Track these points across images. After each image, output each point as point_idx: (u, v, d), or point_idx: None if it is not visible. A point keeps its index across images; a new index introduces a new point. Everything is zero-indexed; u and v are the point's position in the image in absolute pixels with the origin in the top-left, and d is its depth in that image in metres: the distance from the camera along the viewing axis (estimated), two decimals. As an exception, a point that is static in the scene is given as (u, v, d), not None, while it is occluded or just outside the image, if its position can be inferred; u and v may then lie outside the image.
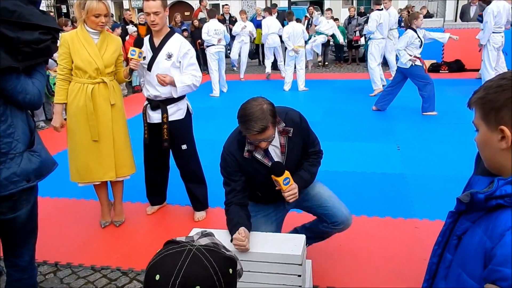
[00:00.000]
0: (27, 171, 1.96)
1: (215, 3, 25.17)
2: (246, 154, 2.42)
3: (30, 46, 1.82)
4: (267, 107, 2.25)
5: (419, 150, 5.24)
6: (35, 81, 1.97)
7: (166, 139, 3.48)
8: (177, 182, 3.96)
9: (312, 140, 2.62)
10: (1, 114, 1.88)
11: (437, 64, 11.14)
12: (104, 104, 3.33)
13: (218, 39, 9.15)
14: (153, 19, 3.31)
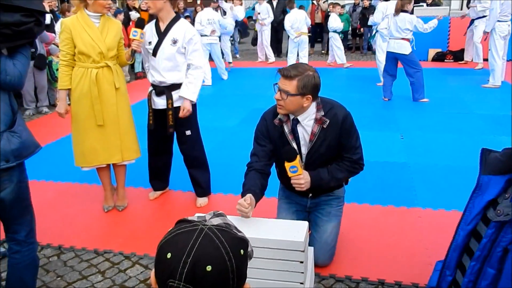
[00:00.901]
0: (6, 151, 1.97)
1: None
2: (276, 121, 2.51)
3: (10, 28, 1.81)
4: (311, 75, 2.36)
5: (423, 140, 5.22)
6: (16, 63, 1.97)
7: (172, 125, 3.47)
8: (179, 168, 3.96)
9: (351, 146, 2.52)
10: None
11: (442, 53, 11.05)
12: (108, 88, 3.33)
13: (211, 30, 8.88)
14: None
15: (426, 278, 2.66)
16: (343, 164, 2.55)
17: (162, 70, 3.40)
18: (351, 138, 2.51)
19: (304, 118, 2.47)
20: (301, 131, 2.50)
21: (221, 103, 7.27)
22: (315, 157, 2.52)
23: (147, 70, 3.61)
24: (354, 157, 2.55)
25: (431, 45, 11.19)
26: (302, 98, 2.38)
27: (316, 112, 2.47)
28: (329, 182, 2.55)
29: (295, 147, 2.50)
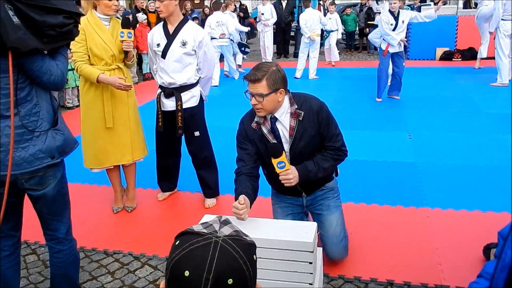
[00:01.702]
0: (51, 148, 2.04)
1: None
2: (254, 124, 2.54)
3: (55, 29, 1.87)
4: (274, 70, 2.38)
5: (431, 139, 5.20)
6: (58, 63, 2.03)
7: (181, 126, 3.49)
8: (188, 169, 3.98)
9: (332, 135, 2.53)
10: (27, 94, 1.96)
11: (450, 52, 11.00)
12: (120, 90, 3.35)
13: (220, 33, 8.92)
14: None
15: (435, 278, 2.66)
16: (327, 154, 2.56)
17: (172, 71, 3.42)
18: (329, 127, 2.52)
19: (281, 114, 2.50)
20: (280, 128, 2.52)
21: (230, 103, 7.29)
22: (298, 151, 2.53)
23: (155, 72, 3.62)
24: (336, 145, 2.55)
25: (438, 44, 11.14)
26: (276, 94, 2.41)
27: (290, 107, 2.49)
28: (316, 173, 2.53)
29: None
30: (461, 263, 2.80)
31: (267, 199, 3.43)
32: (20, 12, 1.76)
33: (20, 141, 1.95)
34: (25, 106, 1.96)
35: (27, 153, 1.97)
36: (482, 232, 3.08)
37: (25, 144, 1.97)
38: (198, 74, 3.56)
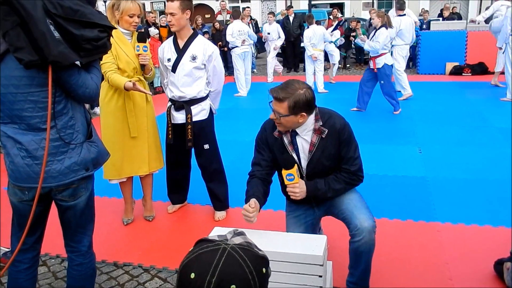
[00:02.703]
0: (87, 160, 2.07)
1: (235, 5, 25.35)
2: (276, 133, 2.53)
3: (91, 43, 1.91)
4: (302, 93, 2.32)
5: (441, 153, 5.18)
6: (93, 76, 2.07)
7: (190, 139, 3.53)
8: (198, 182, 4.00)
9: (349, 157, 2.48)
10: (63, 107, 1.99)
11: (460, 67, 10.98)
12: (140, 102, 3.45)
13: (242, 40, 9.20)
14: (169, 19, 3.39)
15: (446, 293, 2.64)
16: (341, 176, 2.51)
17: (182, 85, 3.47)
18: (349, 149, 2.48)
19: (303, 130, 2.48)
20: (300, 142, 2.50)
21: (240, 117, 7.33)
22: (315, 168, 2.51)
23: (166, 86, 3.68)
24: (352, 169, 2.50)
25: (448, 58, 11.14)
26: (296, 116, 2.37)
27: (314, 123, 2.46)
28: (325, 192, 2.51)
29: (294, 158, 2.51)
30: (472, 278, 2.78)
31: (277, 212, 3.45)
32: (60, 27, 1.80)
33: (56, 154, 1.99)
34: (62, 119, 1.99)
35: (62, 166, 2.00)
36: (493, 247, 3.06)
37: (61, 157, 2.00)
38: (208, 88, 3.60)
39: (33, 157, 1.95)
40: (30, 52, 1.78)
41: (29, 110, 1.92)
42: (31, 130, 1.95)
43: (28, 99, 1.91)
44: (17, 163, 1.98)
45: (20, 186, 2.02)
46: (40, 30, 1.75)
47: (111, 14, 3.33)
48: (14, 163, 1.98)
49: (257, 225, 3.47)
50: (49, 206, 2.21)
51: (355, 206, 2.51)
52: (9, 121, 1.96)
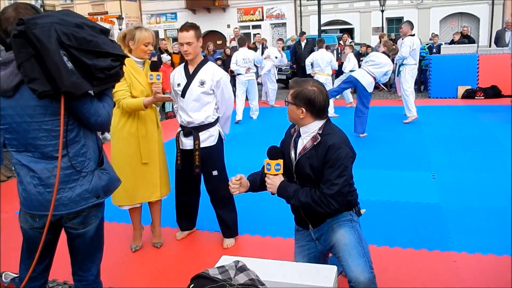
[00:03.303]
0: (97, 187, 2.09)
1: (246, 32, 25.72)
2: (292, 130, 2.65)
3: (104, 72, 1.94)
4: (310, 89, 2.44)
5: (455, 179, 5.08)
6: (105, 104, 2.10)
7: (197, 165, 3.52)
8: (206, 208, 3.95)
9: (329, 179, 2.36)
10: (76, 135, 2.02)
11: (472, 90, 10.91)
12: (152, 127, 3.48)
13: (246, 68, 9.17)
14: (186, 49, 3.42)
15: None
16: (314, 191, 2.40)
17: (190, 110, 3.49)
18: (332, 171, 2.36)
19: (305, 133, 2.52)
20: (300, 143, 2.54)
21: (249, 142, 7.31)
22: (300, 172, 2.50)
23: (176, 111, 3.70)
24: (325, 191, 2.36)
25: (460, 82, 11.10)
26: (297, 109, 2.46)
27: (317, 131, 2.48)
28: (289, 198, 2.47)
29: (292, 155, 2.56)
30: (491, 311, 2.66)
31: (287, 240, 3.38)
32: (73, 57, 1.84)
33: (67, 182, 2.00)
34: (74, 147, 2.01)
35: (73, 193, 2.01)
36: (513, 278, 2.94)
37: (72, 184, 2.01)
38: (217, 113, 3.60)
39: (45, 185, 1.98)
40: (43, 82, 1.82)
41: (43, 138, 1.96)
42: (44, 158, 1.98)
43: (42, 128, 1.95)
44: (29, 191, 2.01)
45: (31, 213, 2.04)
46: (53, 61, 1.79)
47: (123, 44, 3.38)
48: (26, 191, 2.02)
49: (266, 252, 3.42)
50: (59, 234, 2.21)
51: (351, 254, 2.38)
52: (23, 150, 2.00)
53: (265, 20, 27.32)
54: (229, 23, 27.45)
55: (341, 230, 2.50)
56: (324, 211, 2.39)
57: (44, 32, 1.79)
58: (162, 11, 29.38)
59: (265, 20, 27.32)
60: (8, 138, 2.02)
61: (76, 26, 1.87)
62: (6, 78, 1.93)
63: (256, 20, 27.49)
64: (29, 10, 2.01)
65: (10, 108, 1.94)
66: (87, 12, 28.76)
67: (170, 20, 29.42)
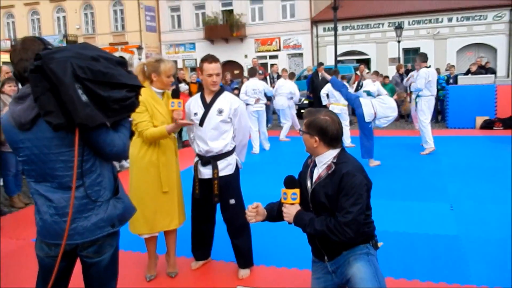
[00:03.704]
0: (112, 216, 2.10)
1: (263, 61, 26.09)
2: (309, 161, 2.67)
3: (119, 103, 1.98)
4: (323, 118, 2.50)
5: (474, 210, 4.99)
6: (120, 135, 2.11)
7: (216, 194, 3.54)
8: (222, 238, 3.95)
9: (343, 207, 2.37)
10: (92, 164, 2.05)
11: (491, 121, 10.82)
12: (171, 156, 3.54)
13: (256, 99, 9.16)
14: (216, 79, 3.49)
15: None
16: (329, 220, 2.41)
17: (209, 139, 3.52)
18: (346, 199, 2.36)
19: (320, 162, 2.55)
20: (316, 172, 2.57)
21: (264, 171, 7.32)
22: (315, 201, 2.51)
23: (192, 140, 3.74)
24: (340, 219, 2.35)
25: (478, 113, 11.02)
26: (310, 137, 2.51)
27: (332, 159, 2.51)
28: (305, 227, 2.48)
29: (308, 184, 2.58)
30: None
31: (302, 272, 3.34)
32: (88, 90, 1.89)
33: (83, 211, 2.02)
34: (90, 177, 2.04)
35: (89, 223, 2.03)
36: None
37: (88, 214, 2.03)
38: (234, 142, 3.64)
39: (61, 215, 2.01)
40: (58, 115, 1.87)
41: (60, 169, 1.99)
42: (61, 188, 2.01)
43: (59, 159, 1.99)
44: (45, 220, 2.04)
45: (47, 242, 2.07)
46: (68, 95, 1.84)
47: (142, 75, 3.47)
48: (43, 220, 2.05)
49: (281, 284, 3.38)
50: (74, 263, 2.21)
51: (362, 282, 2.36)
52: (42, 180, 2.04)
53: (282, 50, 27.70)
54: (247, 53, 27.91)
55: (357, 263, 2.46)
56: (339, 240, 2.37)
57: (60, 66, 1.84)
58: (181, 41, 30.04)
59: (282, 50, 27.70)
60: (27, 170, 2.06)
61: (92, 59, 1.93)
62: (23, 112, 1.98)
63: (273, 50, 27.89)
64: (36, 42, 2.08)
65: (28, 141, 2.00)
66: (108, 42, 29.65)
67: (188, 50, 30.04)
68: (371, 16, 25.52)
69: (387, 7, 26.05)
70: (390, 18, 24.83)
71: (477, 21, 23.63)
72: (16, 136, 2.02)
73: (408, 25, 24.29)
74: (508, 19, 22.99)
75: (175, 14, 30.12)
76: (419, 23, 24.66)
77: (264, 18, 27.73)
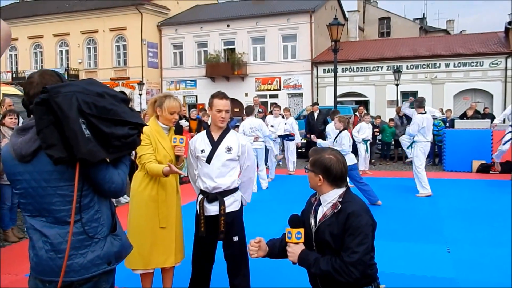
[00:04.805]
0: (109, 254, 2.06)
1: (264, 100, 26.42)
2: (313, 198, 2.67)
3: (121, 140, 2.00)
4: (327, 157, 2.52)
5: (471, 253, 5.00)
6: (120, 172, 2.11)
7: (222, 231, 3.49)
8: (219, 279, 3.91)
9: (350, 247, 2.37)
10: (90, 200, 2.03)
11: (487, 165, 10.91)
12: (172, 192, 3.54)
13: (255, 137, 9.14)
14: (224, 116, 3.52)
15: None
16: (334, 260, 2.39)
17: (216, 176, 3.51)
18: (352, 239, 2.37)
19: (325, 201, 2.53)
20: (321, 211, 2.55)
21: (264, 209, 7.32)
22: (320, 240, 2.49)
23: (195, 177, 3.72)
24: (346, 259, 2.34)
25: (474, 156, 11.14)
26: (315, 176, 2.52)
27: (337, 199, 2.51)
28: (310, 266, 2.44)
29: (312, 222, 2.56)
30: None
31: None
32: (91, 125, 1.91)
33: (79, 248, 1.99)
34: (88, 212, 2.01)
35: (85, 260, 1.99)
36: None
37: (84, 250, 2.00)
38: (240, 178, 3.67)
39: (57, 251, 1.97)
40: (60, 149, 1.87)
41: (57, 203, 1.97)
42: (57, 223, 1.98)
43: (57, 193, 1.96)
44: (40, 256, 2.00)
45: (41, 278, 2.02)
46: (72, 129, 1.85)
47: (152, 109, 3.55)
48: (38, 256, 2.00)
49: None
50: None
51: None
52: (37, 214, 2.01)
53: (282, 90, 28.11)
54: (247, 91, 28.30)
55: None
56: (345, 280, 2.34)
57: (66, 100, 1.87)
58: (182, 78, 30.47)
59: (282, 90, 28.11)
60: (23, 203, 2.04)
61: (98, 95, 1.96)
62: (25, 143, 1.97)
63: (273, 90, 28.30)
64: (54, 77, 2.08)
65: (27, 173, 1.98)
66: (110, 77, 30.07)
67: (189, 87, 30.43)
68: (371, 59, 26.10)
69: (386, 51, 26.69)
70: (388, 62, 25.37)
71: (474, 67, 24.17)
72: (15, 168, 2.00)
73: (407, 69, 24.79)
74: (504, 66, 23.53)
75: (177, 51, 30.72)
76: (417, 68, 25.19)
77: (266, 57, 28.30)
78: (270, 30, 27.84)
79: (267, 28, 27.86)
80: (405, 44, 27.19)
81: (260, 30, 28.16)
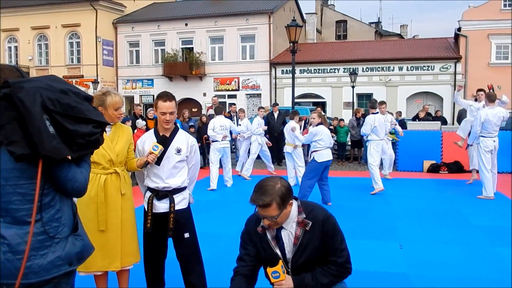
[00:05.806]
0: (71, 254, 2.01)
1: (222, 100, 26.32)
2: (259, 229, 2.52)
3: (84, 138, 1.96)
4: (280, 187, 2.38)
5: (422, 249, 5.19)
6: (82, 170, 2.07)
7: (171, 228, 3.50)
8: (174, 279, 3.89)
9: (336, 248, 2.47)
10: (51, 199, 1.97)
11: (437, 165, 11.37)
12: (115, 194, 3.40)
13: (223, 136, 9.31)
14: (168, 118, 3.46)
15: None
16: (328, 268, 2.47)
17: (167, 177, 3.52)
18: (335, 240, 2.47)
19: (287, 223, 2.50)
20: (286, 234, 2.51)
21: (223, 210, 7.30)
22: (301, 261, 2.49)
23: (143, 177, 3.70)
24: (339, 260, 2.47)
25: (425, 157, 11.56)
26: (286, 209, 2.44)
27: (298, 215, 2.49)
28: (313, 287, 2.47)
29: (278, 253, 2.51)
30: None
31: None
32: (55, 122, 1.86)
33: (39, 248, 1.92)
34: (49, 212, 1.96)
35: (45, 261, 1.93)
36: None
37: (45, 251, 1.94)
38: None
39: (15, 252, 1.88)
40: (23, 146, 1.82)
41: (16, 202, 1.90)
42: (16, 223, 1.90)
43: (17, 191, 1.89)
44: None
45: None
46: (36, 126, 1.81)
47: None
48: None
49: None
50: None
51: None
52: None
53: (241, 90, 28.13)
54: (205, 91, 28.14)
55: None
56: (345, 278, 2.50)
57: (30, 96, 1.82)
58: (139, 77, 29.87)
59: (241, 90, 28.13)
60: None
61: (62, 92, 1.91)
62: None
63: (232, 90, 28.28)
64: (14, 73, 2.02)
65: None
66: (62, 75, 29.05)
67: (146, 86, 29.88)
68: (328, 61, 26.55)
69: (343, 53, 27.24)
70: (345, 64, 25.91)
71: (426, 71, 25.08)
72: None
73: (362, 72, 25.40)
74: (453, 71, 24.58)
75: (134, 50, 30.12)
76: (372, 70, 25.87)
77: (224, 57, 28.23)
78: (229, 30, 27.80)
79: (226, 28, 27.80)
80: (361, 47, 27.85)
81: (219, 30, 28.07)
